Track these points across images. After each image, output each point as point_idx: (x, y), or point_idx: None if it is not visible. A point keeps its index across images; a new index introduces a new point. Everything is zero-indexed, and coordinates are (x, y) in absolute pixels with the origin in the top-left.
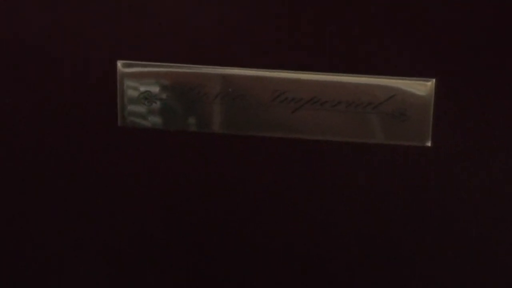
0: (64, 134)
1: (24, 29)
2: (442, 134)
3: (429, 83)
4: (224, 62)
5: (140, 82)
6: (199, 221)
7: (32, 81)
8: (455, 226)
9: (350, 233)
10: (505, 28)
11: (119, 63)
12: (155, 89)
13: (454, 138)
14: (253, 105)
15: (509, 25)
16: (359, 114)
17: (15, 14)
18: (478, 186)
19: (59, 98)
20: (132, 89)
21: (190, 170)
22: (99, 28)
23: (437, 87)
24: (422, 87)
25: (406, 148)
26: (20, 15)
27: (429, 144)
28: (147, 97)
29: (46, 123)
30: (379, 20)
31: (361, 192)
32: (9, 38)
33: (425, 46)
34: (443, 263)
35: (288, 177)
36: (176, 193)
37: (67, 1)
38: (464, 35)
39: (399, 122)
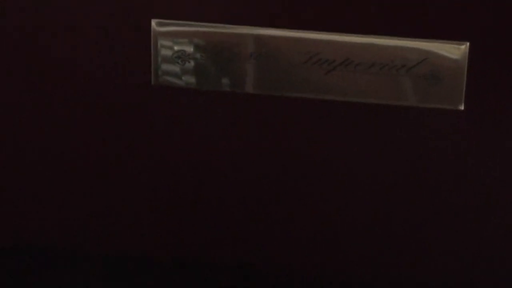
0: (99, 93)
1: None
2: (475, 98)
3: (462, 47)
4: (258, 23)
5: (174, 41)
6: (231, 180)
7: (68, 40)
8: (487, 190)
9: (381, 196)
10: None
11: (153, 22)
12: (189, 48)
13: (487, 101)
14: (286, 66)
15: None
16: (392, 76)
17: None
18: (511, 150)
19: (94, 57)
20: (166, 48)
21: (222, 129)
22: None
23: (471, 50)
24: (455, 51)
25: (439, 111)
26: None
27: (462, 107)
28: (180, 56)
29: (81, 82)
30: None
31: (392, 154)
32: None
33: (459, 9)
34: (474, 227)
35: (319, 138)
36: (208, 152)
37: None
38: None
39: (432, 85)
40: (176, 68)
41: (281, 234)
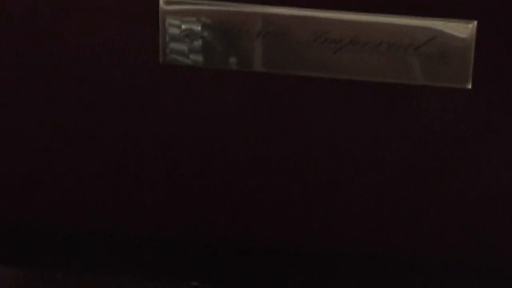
0: (106, 71)
1: None
2: (483, 76)
3: (470, 25)
4: (266, 1)
5: (181, 20)
6: (237, 158)
7: (75, 19)
8: (494, 167)
9: (387, 174)
10: None
11: (161, 1)
12: (197, 27)
13: (495, 80)
14: (294, 45)
15: None
16: (400, 55)
17: None
18: None
19: (102, 36)
20: (173, 26)
21: (230, 108)
22: None
23: (478, 29)
24: (463, 29)
25: (446, 90)
26: None
27: (469, 86)
28: (188, 35)
29: (89, 61)
30: None
31: (400, 132)
32: None
33: None
34: (480, 204)
35: (327, 116)
36: (215, 130)
37: None
38: None
39: (439, 64)
40: (184, 47)
41: (288, 213)
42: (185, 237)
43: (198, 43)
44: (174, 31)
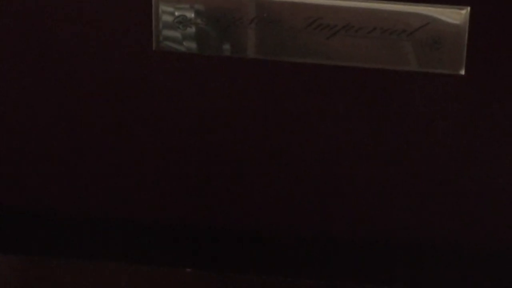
0: (100, 58)
1: None
2: (476, 63)
3: (463, 11)
4: None
5: (175, 7)
6: (232, 144)
7: (69, 5)
8: (487, 153)
9: (380, 160)
10: None
11: None
12: (190, 13)
13: (488, 66)
14: (287, 31)
15: None
16: (393, 41)
17: None
18: (511, 115)
19: (95, 23)
20: (167, 13)
21: (223, 94)
22: None
23: (472, 15)
24: (456, 15)
25: (439, 76)
26: None
27: (462, 72)
28: (182, 22)
29: (82, 48)
30: None
31: (393, 118)
32: None
33: None
34: (473, 189)
35: (320, 102)
36: (209, 117)
37: None
38: None
39: (433, 50)
40: (177, 34)
41: (283, 198)
42: (180, 223)
43: (191, 30)
44: (167, 18)
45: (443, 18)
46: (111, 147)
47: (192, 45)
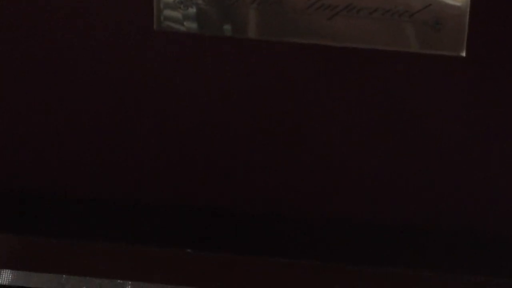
0: (101, 38)
1: None
2: (477, 44)
3: None
4: None
5: None
6: (232, 125)
7: None
8: (488, 135)
9: (382, 141)
10: None
11: None
12: None
13: (489, 48)
14: (289, 11)
15: None
16: (395, 22)
17: None
18: (511, 95)
19: (96, 3)
20: None
21: (224, 75)
22: None
23: None
24: None
25: (440, 58)
26: None
27: (463, 54)
28: (183, 2)
29: (83, 28)
30: None
31: (394, 99)
32: None
33: None
34: (474, 172)
35: (322, 83)
36: (210, 97)
37: None
38: None
39: (434, 31)
40: (178, 14)
41: (283, 178)
42: (179, 203)
43: (192, 10)
44: None
45: None
46: (111, 128)
47: (193, 25)
